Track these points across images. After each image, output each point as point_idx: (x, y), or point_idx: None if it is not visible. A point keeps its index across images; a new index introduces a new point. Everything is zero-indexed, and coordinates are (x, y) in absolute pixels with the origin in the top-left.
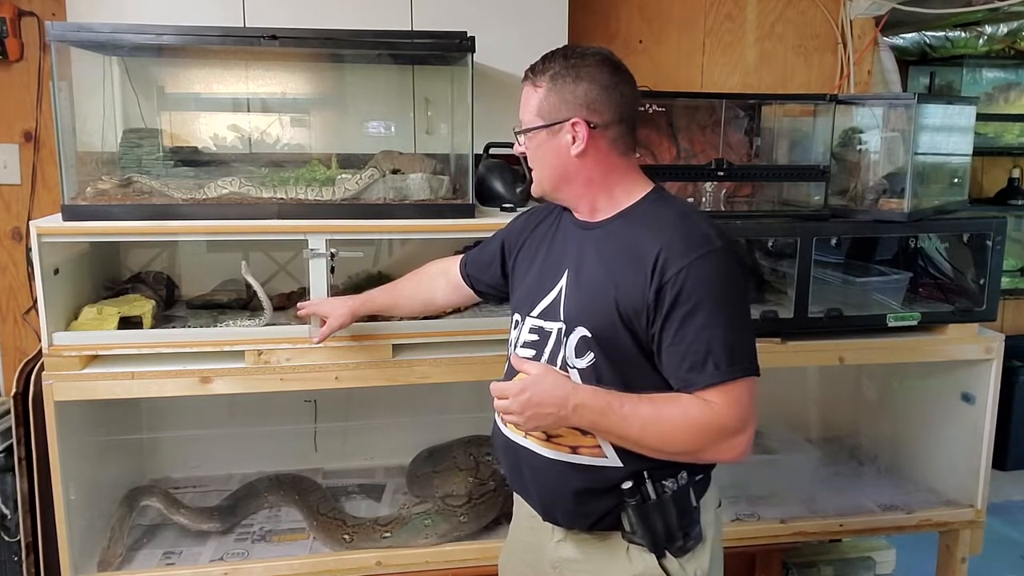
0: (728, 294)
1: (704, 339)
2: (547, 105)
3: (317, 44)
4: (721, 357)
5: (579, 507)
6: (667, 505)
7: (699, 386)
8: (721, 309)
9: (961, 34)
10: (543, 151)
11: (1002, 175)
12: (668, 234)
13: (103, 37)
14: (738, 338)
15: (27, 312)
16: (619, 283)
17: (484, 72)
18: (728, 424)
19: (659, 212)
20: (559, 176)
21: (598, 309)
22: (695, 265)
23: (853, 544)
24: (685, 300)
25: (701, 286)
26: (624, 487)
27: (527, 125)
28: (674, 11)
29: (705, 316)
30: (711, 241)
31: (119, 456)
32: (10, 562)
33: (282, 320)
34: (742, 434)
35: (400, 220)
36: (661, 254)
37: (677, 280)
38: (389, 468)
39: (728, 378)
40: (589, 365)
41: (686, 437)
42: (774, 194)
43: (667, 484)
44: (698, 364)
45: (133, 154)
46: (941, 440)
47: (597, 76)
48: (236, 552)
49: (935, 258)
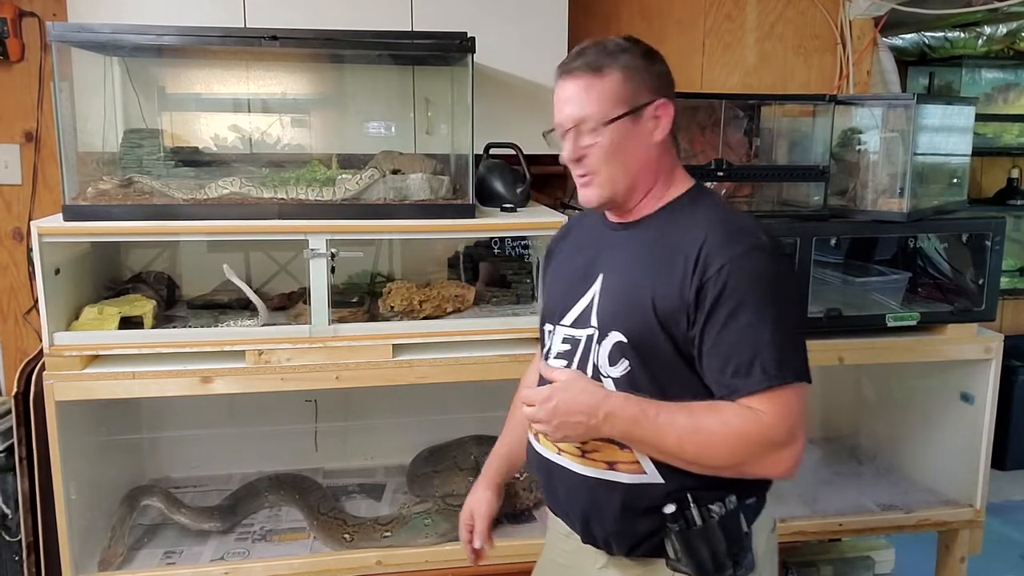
0: (776, 291)
1: (749, 340)
2: (628, 91)
3: (317, 44)
4: (769, 360)
5: (618, 527)
6: (714, 531)
7: (744, 392)
8: (768, 307)
9: (960, 34)
10: (625, 143)
11: (1001, 175)
12: (710, 229)
13: (104, 37)
14: (787, 339)
15: (28, 312)
16: (656, 283)
17: (484, 72)
18: (774, 435)
19: (700, 208)
20: (639, 169)
21: (634, 312)
22: (739, 261)
23: (852, 544)
24: (728, 298)
25: (746, 283)
26: (667, 511)
27: (606, 116)
28: (674, 11)
29: (750, 315)
30: (756, 236)
31: (120, 456)
32: (11, 562)
33: (282, 320)
34: (789, 447)
35: (400, 220)
36: (703, 250)
37: (720, 277)
38: (389, 468)
39: (777, 383)
40: (624, 374)
41: (727, 449)
42: (773, 194)
43: (714, 508)
44: (743, 368)
45: (134, 154)
46: (940, 440)
47: (657, 57)
48: (237, 552)
49: (934, 258)
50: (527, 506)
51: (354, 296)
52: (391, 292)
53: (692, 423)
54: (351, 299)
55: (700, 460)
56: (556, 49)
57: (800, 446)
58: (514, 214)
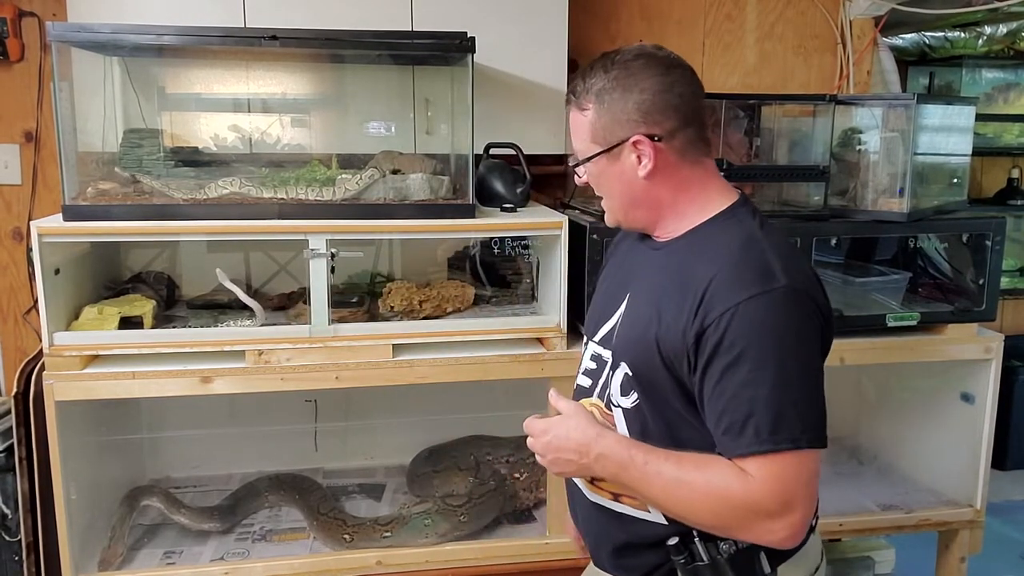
0: (782, 345)
1: (746, 397)
2: (600, 128)
3: (317, 44)
4: (764, 422)
5: (620, 560)
6: (722, 569)
7: (734, 454)
8: (770, 363)
9: (960, 34)
10: (606, 179)
11: (1001, 175)
12: (721, 266)
13: (104, 37)
14: (790, 400)
15: (28, 312)
16: (661, 319)
17: (484, 72)
18: (762, 503)
19: (724, 235)
20: (631, 204)
21: (639, 345)
22: (745, 306)
23: (852, 544)
24: (728, 349)
25: (747, 332)
26: (670, 543)
27: (583, 155)
28: (674, 11)
29: (749, 370)
30: (772, 278)
31: (120, 456)
32: (11, 562)
33: (282, 320)
34: (783, 518)
35: (400, 220)
36: (709, 289)
37: (720, 323)
38: (389, 468)
39: (769, 448)
40: (633, 406)
41: (709, 510)
42: (774, 194)
43: (722, 546)
44: (736, 427)
45: (134, 154)
46: (940, 440)
47: (647, 81)
48: (236, 552)
49: (934, 258)
50: (527, 506)
51: (354, 296)
52: (391, 292)
53: (678, 476)
54: (351, 299)
55: (685, 516)
56: (556, 49)
57: (799, 517)
58: (514, 214)
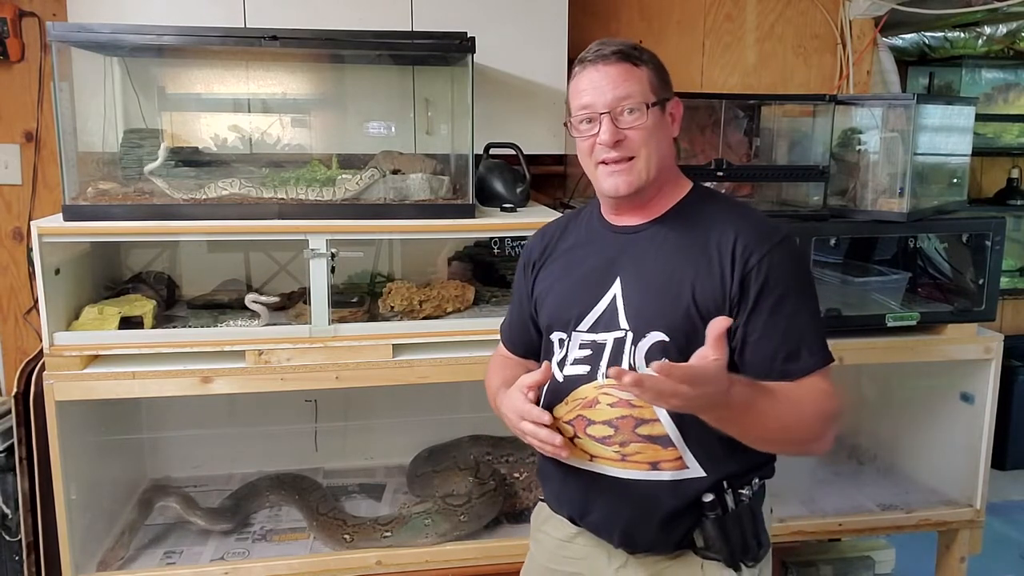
0: (808, 280)
1: (796, 327)
2: (656, 82)
3: (317, 44)
4: (814, 344)
5: (665, 532)
6: (746, 514)
7: (798, 375)
8: (805, 295)
9: (960, 34)
10: (657, 130)
11: (1001, 175)
12: (739, 223)
13: (104, 38)
14: (820, 323)
15: (28, 312)
16: (694, 279)
17: (484, 72)
18: (838, 410)
19: (715, 204)
20: (664, 158)
21: (675, 308)
22: (775, 252)
23: (852, 543)
24: (772, 289)
25: (785, 274)
26: (705, 500)
27: (648, 99)
28: (674, 11)
29: (793, 304)
30: (780, 229)
31: (120, 456)
32: (11, 561)
33: (282, 320)
34: (838, 422)
35: (400, 220)
36: (738, 243)
37: (761, 269)
38: (389, 468)
39: (825, 363)
40: None
41: (808, 427)
42: (773, 194)
43: (744, 493)
44: (794, 353)
45: (134, 154)
46: (940, 440)
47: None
48: (236, 551)
49: (934, 258)
50: (527, 506)
51: (354, 296)
52: (391, 292)
53: (786, 395)
54: (351, 299)
55: (787, 434)
56: (556, 49)
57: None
58: (514, 214)
